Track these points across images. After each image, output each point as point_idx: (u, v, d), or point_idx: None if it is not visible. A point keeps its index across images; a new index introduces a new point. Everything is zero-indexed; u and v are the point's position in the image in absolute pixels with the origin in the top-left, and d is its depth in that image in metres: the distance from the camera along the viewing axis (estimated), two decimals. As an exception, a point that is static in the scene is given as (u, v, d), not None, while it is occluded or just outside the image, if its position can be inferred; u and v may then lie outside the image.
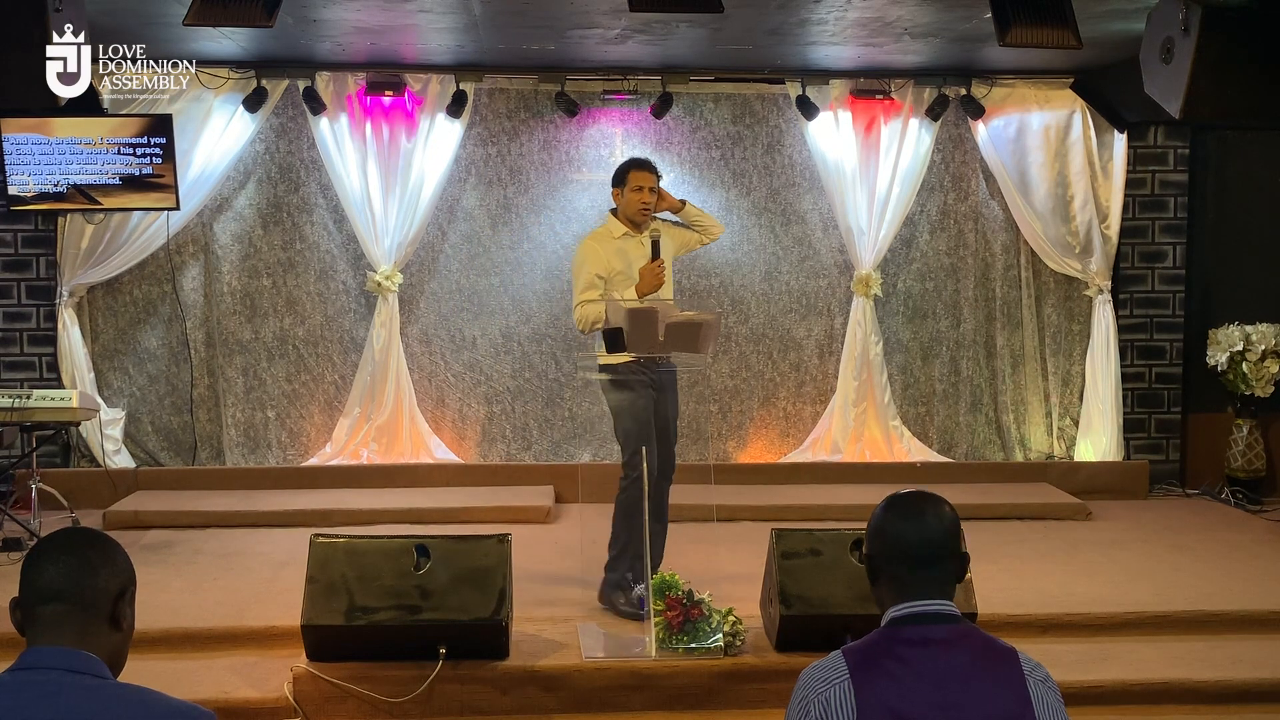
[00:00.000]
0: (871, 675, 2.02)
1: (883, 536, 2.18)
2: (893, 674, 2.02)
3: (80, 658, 1.92)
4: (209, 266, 7.35)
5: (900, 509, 2.19)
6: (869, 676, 2.02)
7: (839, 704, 2.00)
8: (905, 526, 2.16)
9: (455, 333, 7.52)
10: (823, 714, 2.00)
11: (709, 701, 4.32)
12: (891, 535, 2.17)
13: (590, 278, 4.93)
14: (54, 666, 1.90)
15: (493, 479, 7.25)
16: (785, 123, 7.55)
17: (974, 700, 2.00)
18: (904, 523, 2.16)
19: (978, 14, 5.63)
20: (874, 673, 2.02)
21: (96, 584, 1.97)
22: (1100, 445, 7.56)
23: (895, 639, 2.08)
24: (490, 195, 7.47)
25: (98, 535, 2.07)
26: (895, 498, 2.23)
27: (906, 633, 2.07)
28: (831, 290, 7.65)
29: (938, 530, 2.15)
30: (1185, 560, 5.96)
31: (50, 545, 2.01)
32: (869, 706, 1.98)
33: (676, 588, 4.41)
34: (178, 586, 5.34)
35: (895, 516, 2.19)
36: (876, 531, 2.20)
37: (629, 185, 5.05)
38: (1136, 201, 7.62)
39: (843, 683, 2.01)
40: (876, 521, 2.21)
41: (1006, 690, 2.02)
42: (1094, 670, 4.51)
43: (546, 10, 5.77)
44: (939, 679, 2.01)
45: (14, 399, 5.98)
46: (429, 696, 4.18)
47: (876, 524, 2.21)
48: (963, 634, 2.08)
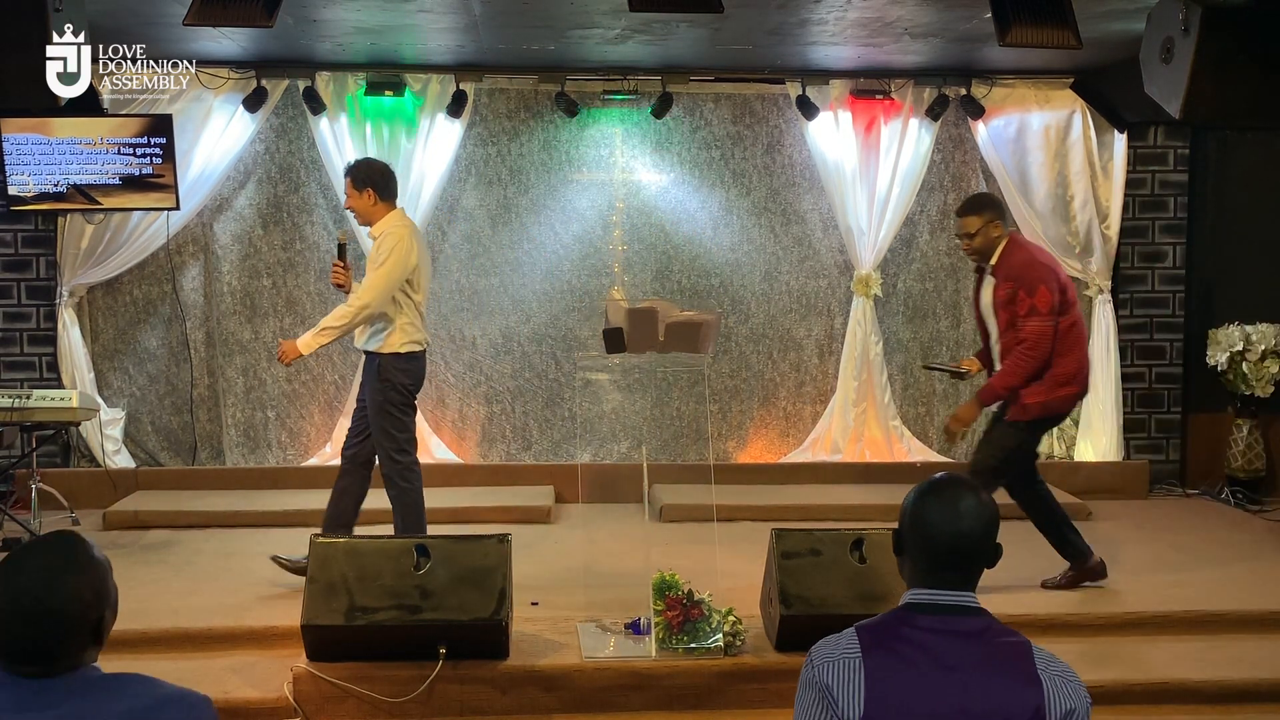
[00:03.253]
0: (883, 656, 2.02)
1: (915, 525, 2.14)
2: (905, 658, 2.02)
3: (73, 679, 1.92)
4: (209, 266, 7.35)
5: (938, 500, 2.13)
6: (881, 657, 2.02)
7: (848, 680, 2.00)
8: (940, 521, 2.11)
9: (455, 333, 7.52)
10: (832, 689, 2.00)
11: (709, 701, 4.31)
12: (924, 526, 2.12)
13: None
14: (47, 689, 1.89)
15: (493, 479, 7.24)
16: (785, 123, 7.55)
17: (984, 691, 1.99)
18: (939, 517, 2.11)
19: (978, 14, 5.63)
20: (886, 654, 2.03)
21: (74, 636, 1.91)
22: (1100, 445, 7.57)
23: (911, 624, 2.07)
24: (490, 195, 7.47)
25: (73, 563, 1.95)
26: (935, 484, 2.17)
27: (923, 620, 2.07)
28: (831, 290, 7.65)
29: (972, 530, 2.11)
30: (1185, 560, 5.96)
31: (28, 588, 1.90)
32: (877, 687, 1.99)
33: (676, 588, 4.41)
34: (178, 586, 5.34)
35: (931, 508, 2.13)
36: (912, 518, 2.15)
37: None
38: (1136, 201, 7.62)
39: (854, 659, 2.02)
40: (911, 506, 2.16)
41: (1018, 683, 2.00)
42: (1094, 670, 4.50)
43: (546, 10, 5.77)
44: (950, 668, 2.00)
45: (14, 399, 5.98)
46: (429, 696, 4.18)
47: (911, 509, 2.16)
48: (980, 628, 2.07)
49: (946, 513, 2.11)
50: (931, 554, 2.10)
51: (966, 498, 2.13)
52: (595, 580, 5.31)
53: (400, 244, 5.06)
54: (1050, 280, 5.01)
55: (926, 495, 2.15)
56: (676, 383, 7.58)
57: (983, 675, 2.00)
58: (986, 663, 2.02)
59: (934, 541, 2.10)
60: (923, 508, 2.14)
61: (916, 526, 2.13)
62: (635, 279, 7.53)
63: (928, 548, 2.11)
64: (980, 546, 2.12)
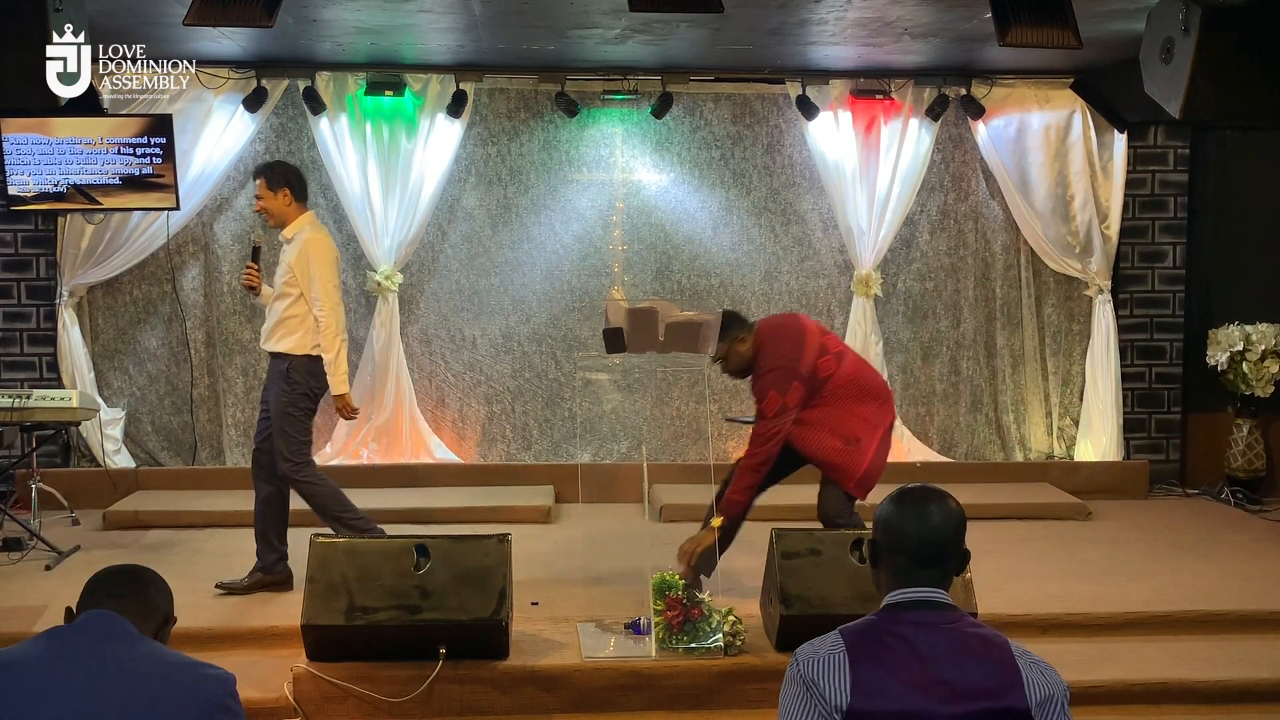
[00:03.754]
0: (868, 652, 2.10)
1: (888, 530, 2.24)
2: (888, 648, 2.10)
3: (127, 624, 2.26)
4: (209, 266, 7.35)
5: (907, 505, 2.24)
6: (865, 653, 2.10)
7: (834, 674, 2.07)
8: (910, 524, 2.21)
9: (455, 333, 7.52)
10: (818, 683, 2.07)
11: (709, 701, 4.31)
12: (896, 530, 2.22)
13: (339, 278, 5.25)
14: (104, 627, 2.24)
15: (493, 479, 7.24)
16: (785, 123, 7.55)
17: (962, 675, 2.06)
18: (909, 520, 2.21)
19: (978, 14, 5.63)
20: (869, 649, 2.10)
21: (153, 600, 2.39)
22: (1100, 445, 7.57)
23: (893, 621, 2.15)
24: (490, 195, 7.47)
25: (150, 570, 2.48)
26: (904, 492, 2.27)
27: (904, 616, 2.15)
28: (831, 290, 7.65)
29: (941, 530, 2.21)
30: (1185, 560, 5.96)
31: (114, 570, 2.43)
32: (863, 678, 2.06)
33: (676, 588, 4.41)
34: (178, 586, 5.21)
35: (902, 512, 2.23)
36: (883, 524, 2.25)
37: None
38: (1136, 201, 7.62)
39: (839, 654, 2.09)
40: (884, 514, 2.26)
41: (994, 667, 2.08)
42: (1094, 670, 4.51)
43: (546, 10, 5.77)
44: (929, 656, 2.08)
45: (14, 399, 5.98)
46: (429, 696, 4.18)
47: (884, 516, 2.25)
48: (955, 619, 2.16)
49: (917, 513, 2.22)
50: (907, 553, 2.20)
51: (934, 499, 2.24)
52: (595, 580, 5.31)
53: (324, 247, 5.18)
54: (783, 379, 4.79)
55: (896, 502, 2.25)
56: (676, 383, 7.58)
57: (962, 661, 2.08)
58: (966, 651, 2.10)
59: (908, 541, 2.20)
60: (894, 513, 2.24)
61: (890, 531, 2.23)
62: (635, 279, 7.53)
63: (903, 548, 2.20)
64: (952, 543, 2.22)
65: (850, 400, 4.89)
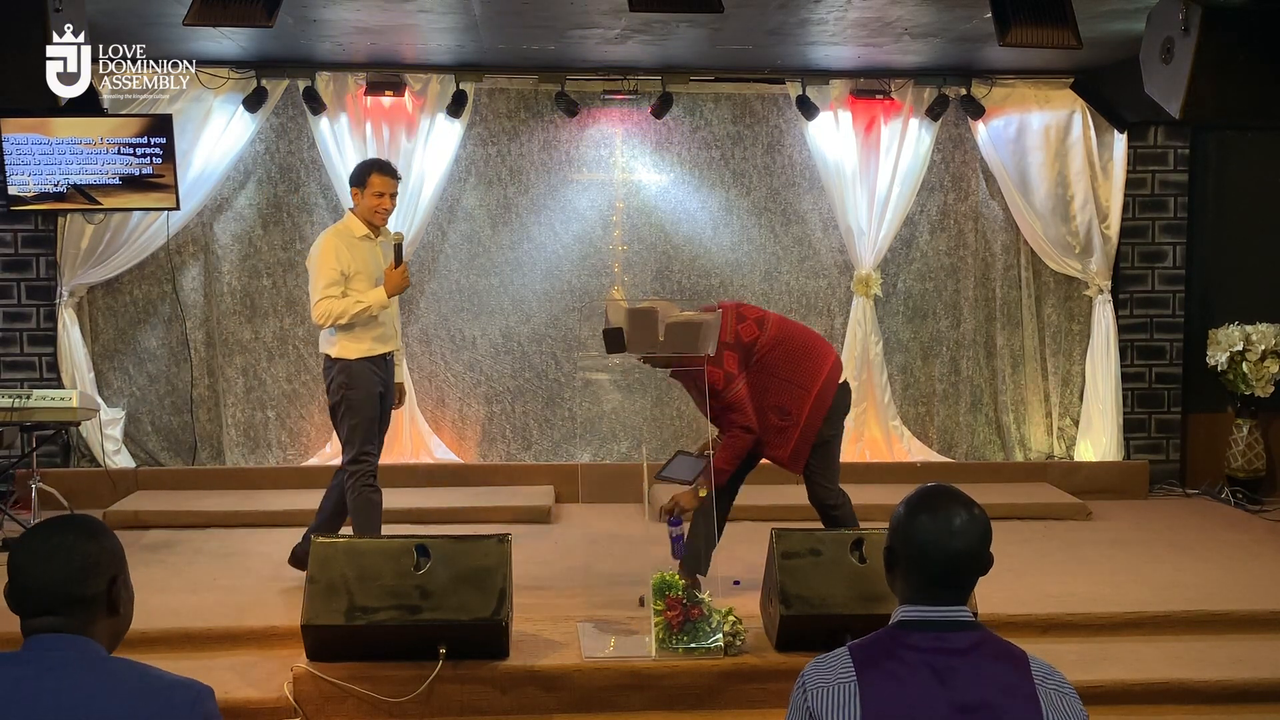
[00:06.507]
0: (877, 676, 1.97)
1: (907, 542, 2.05)
2: (899, 676, 1.96)
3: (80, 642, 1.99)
4: (209, 266, 7.35)
5: (931, 517, 2.04)
6: (874, 677, 1.97)
7: (844, 704, 1.95)
8: (930, 541, 2.02)
9: (455, 333, 7.52)
10: (826, 712, 1.96)
11: (709, 701, 4.31)
12: (915, 545, 2.03)
13: (334, 274, 5.07)
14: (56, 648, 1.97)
15: (493, 479, 7.24)
16: (785, 123, 7.55)
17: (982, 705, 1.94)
18: (929, 536, 2.02)
19: (978, 14, 5.63)
20: (880, 674, 1.97)
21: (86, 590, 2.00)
22: (1100, 445, 7.57)
23: (904, 641, 2.01)
24: (490, 195, 7.47)
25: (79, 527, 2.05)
26: (924, 498, 2.08)
27: (916, 637, 2.00)
28: (831, 290, 7.65)
29: (967, 547, 2.02)
30: (1185, 560, 5.96)
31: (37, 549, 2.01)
32: (873, 708, 1.94)
33: (676, 588, 4.41)
34: (178, 586, 5.34)
35: (925, 525, 2.03)
36: (901, 534, 2.06)
37: (370, 189, 5.15)
38: (1136, 201, 7.62)
39: (849, 683, 1.96)
40: (903, 522, 2.07)
41: (1016, 700, 1.96)
42: (1094, 670, 4.51)
43: (546, 10, 5.77)
44: (946, 684, 1.95)
45: (14, 399, 5.98)
46: (429, 696, 4.18)
47: (903, 526, 2.06)
48: (976, 641, 2.01)
49: (941, 530, 2.02)
50: (926, 572, 2.02)
51: (960, 513, 2.04)
52: (595, 580, 5.31)
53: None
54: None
55: (918, 510, 2.05)
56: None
57: (979, 689, 1.96)
58: (983, 677, 1.97)
59: (928, 560, 2.02)
60: (915, 524, 2.04)
61: (909, 544, 2.04)
62: (635, 279, 7.53)
63: (922, 566, 2.03)
64: (976, 561, 2.05)
65: (783, 363, 4.94)
